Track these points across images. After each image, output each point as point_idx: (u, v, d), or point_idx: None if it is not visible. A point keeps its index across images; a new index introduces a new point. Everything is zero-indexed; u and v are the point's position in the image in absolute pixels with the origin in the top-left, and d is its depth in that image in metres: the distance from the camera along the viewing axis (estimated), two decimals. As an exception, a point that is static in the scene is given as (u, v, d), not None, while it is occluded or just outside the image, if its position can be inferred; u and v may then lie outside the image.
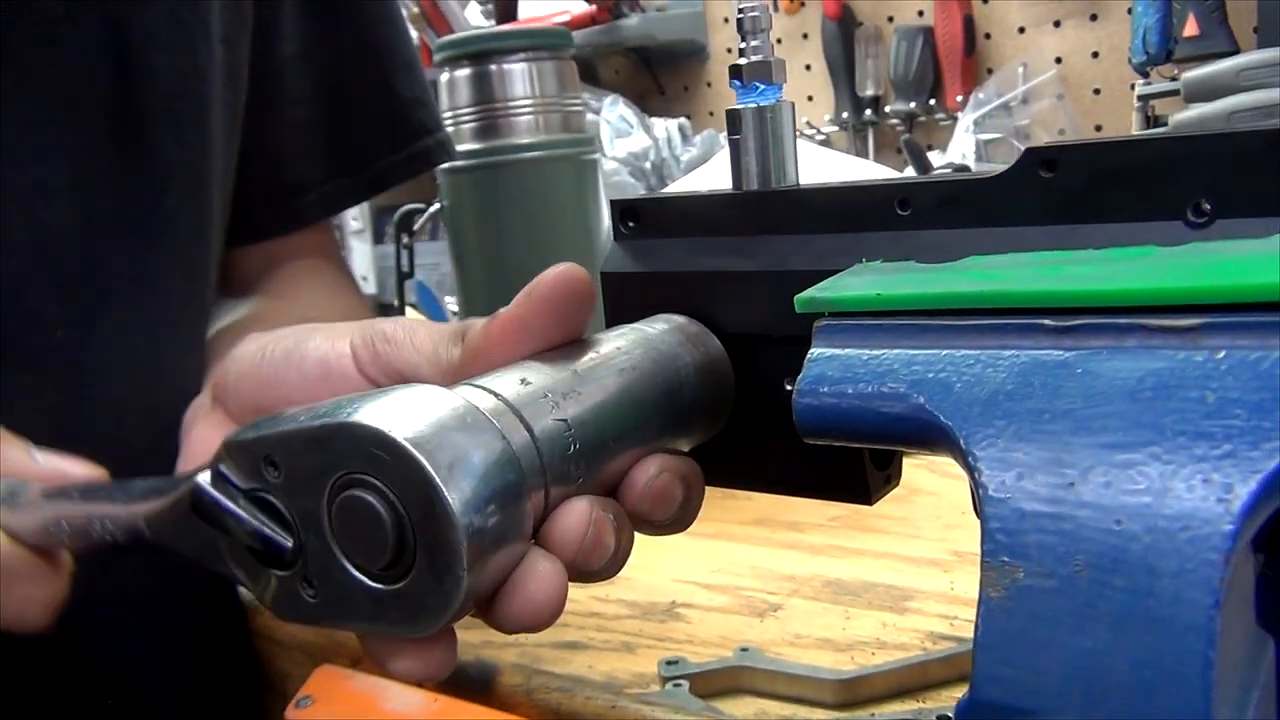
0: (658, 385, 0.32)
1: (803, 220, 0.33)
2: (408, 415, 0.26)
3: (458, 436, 0.26)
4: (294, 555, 0.28)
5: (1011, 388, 0.24)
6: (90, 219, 0.51)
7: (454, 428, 0.26)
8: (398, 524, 0.26)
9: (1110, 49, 1.55)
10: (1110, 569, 0.21)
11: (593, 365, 0.31)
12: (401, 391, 0.28)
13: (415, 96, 0.71)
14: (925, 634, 0.54)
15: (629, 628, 0.57)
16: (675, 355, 0.33)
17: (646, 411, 0.32)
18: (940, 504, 0.71)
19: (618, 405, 0.31)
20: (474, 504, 0.26)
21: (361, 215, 1.90)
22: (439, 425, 0.26)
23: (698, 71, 2.05)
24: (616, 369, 0.32)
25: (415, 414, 0.26)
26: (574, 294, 0.32)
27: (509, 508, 0.27)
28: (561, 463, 0.29)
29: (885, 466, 0.35)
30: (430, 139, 0.72)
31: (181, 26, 0.54)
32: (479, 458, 0.26)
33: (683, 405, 0.33)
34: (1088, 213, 0.28)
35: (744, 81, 0.34)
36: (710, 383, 0.34)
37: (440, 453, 0.25)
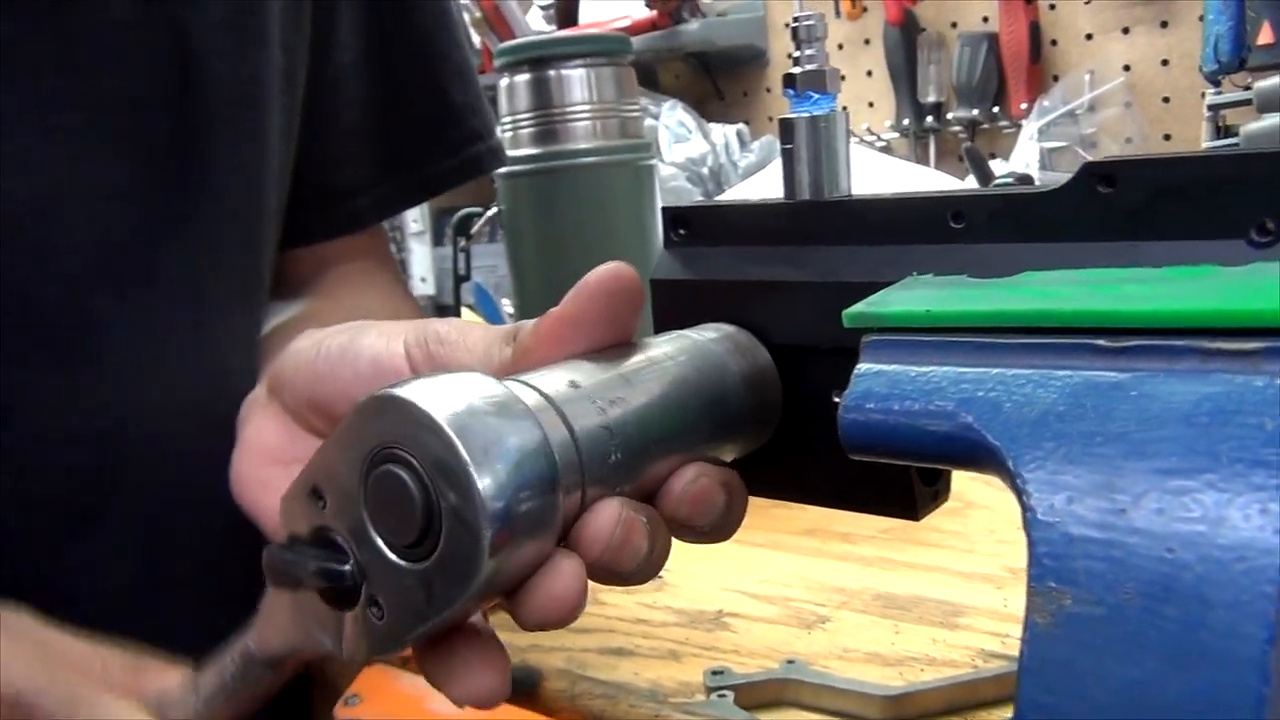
0: (704, 394, 0.32)
1: (854, 231, 0.33)
2: (446, 395, 0.27)
3: (494, 421, 0.26)
4: (354, 578, 0.29)
5: (1063, 409, 0.23)
6: (150, 222, 0.52)
7: (491, 413, 0.27)
8: (426, 500, 0.26)
9: (1181, 56, 1.52)
10: (1161, 598, 0.21)
11: (640, 370, 0.31)
12: (445, 375, 0.28)
13: (468, 103, 0.71)
14: (976, 651, 0.53)
15: (675, 635, 0.57)
16: (723, 364, 0.33)
17: (691, 420, 0.32)
18: (995, 519, 0.70)
19: (662, 412, 0.31)
20: (503, 489, 0.26)
21: (421, 217, 1.92)
22: (476, 409, 0.27)
23: (757, 77, 2.04)
24: (663, 376, 0.32)
25: (454, 395, 0.27)
26: (622, 291, 0.32)
27: (539, 499, 0.27)
28: (600, 465, 0.29)
29: (933, 483, 0.34)
30: (482, 145, 0.72)
31: (241, 33, 0.55)
32: (513, 445, 0.26)
33: (728, 415, 0.33)
34: (1146, 230, 0.28)
35: (798, 91, 0.33)
36: (757, 393, 0.34)
37: (474, 434, 0.26)
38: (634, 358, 0.32)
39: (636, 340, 0.33)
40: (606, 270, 0.32)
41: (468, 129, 0.72)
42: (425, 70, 0.69)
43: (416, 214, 2.62)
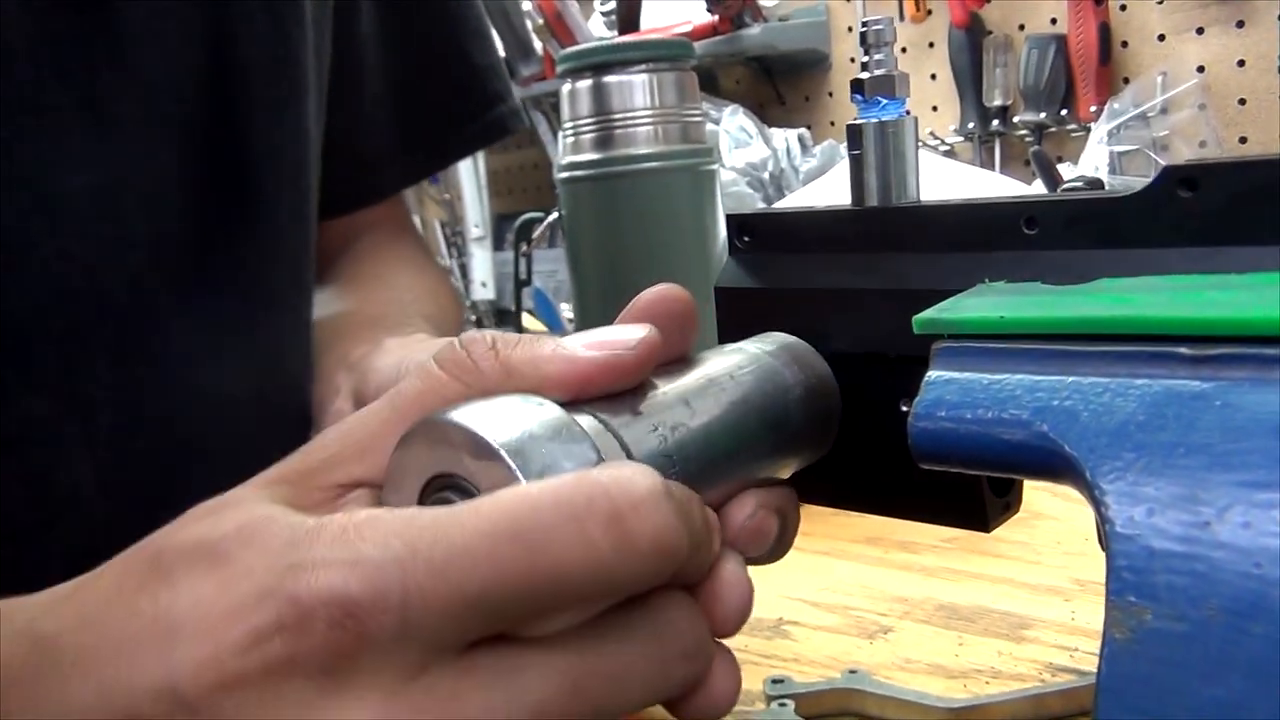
0: (764, 412, 0.32)
1: (924, 238, 0.32)
2: (503, 420, 0.26)
3: (551, 447, 0.26)
4: None
5: (1143, 419, 0.23)
6: (199, 211, 0.52)
7: (548, 438, 0.26)
8: None
9: (1258, 57, 1.48)
10: (1247, 615, 0.20)
11: (699, 391, 0.31)
12: (500, 399, 0.27)
13: (490, 64, 0.71)
14: (1044, 665, 0.52)
15: (735, 643, 0.56)
16: (784, 382, 0.33)
17: (751, 441, 0.31)
18: (1063, 529, 0.69)
19: (722, 434, 0.30)
20: None
21: (482, 222, 1.94)
22: (533, 434, 0.26)
23: (819, 81, 2.03)
24: (723, 396, 0.31)
25: (510, 420, 0.26)
26: (673, 314, 0.31)
27: None
28: None
29: (1004, 493, 0.34)
30: (505, 107, 0.72)
31: (276, 15, 0.55)
32: (570, 468, 0.26)
33: (788, 432, 0.33)
34: (1229, 235, 0.27)
35: (866, 96, 0.33)
36: (817, 407, 0.33)
37: (531, 461, 0.25)
38: (692, 377, 0.31)
39: (694, 355, 0.33)
40: (657, 291, 0.32)
41: (490, 91, 0.71)
42: (445, 33, 0.69)
43: (477, 219, 2.65)
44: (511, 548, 0.23)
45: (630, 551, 0.23)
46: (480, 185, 2.66)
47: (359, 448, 0.29)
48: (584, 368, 0.29)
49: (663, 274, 0.80)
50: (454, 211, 2.86)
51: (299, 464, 0.29)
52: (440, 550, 0.23)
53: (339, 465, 0.29)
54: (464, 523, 0.23)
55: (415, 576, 0.22)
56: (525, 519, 0.23)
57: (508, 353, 0.29)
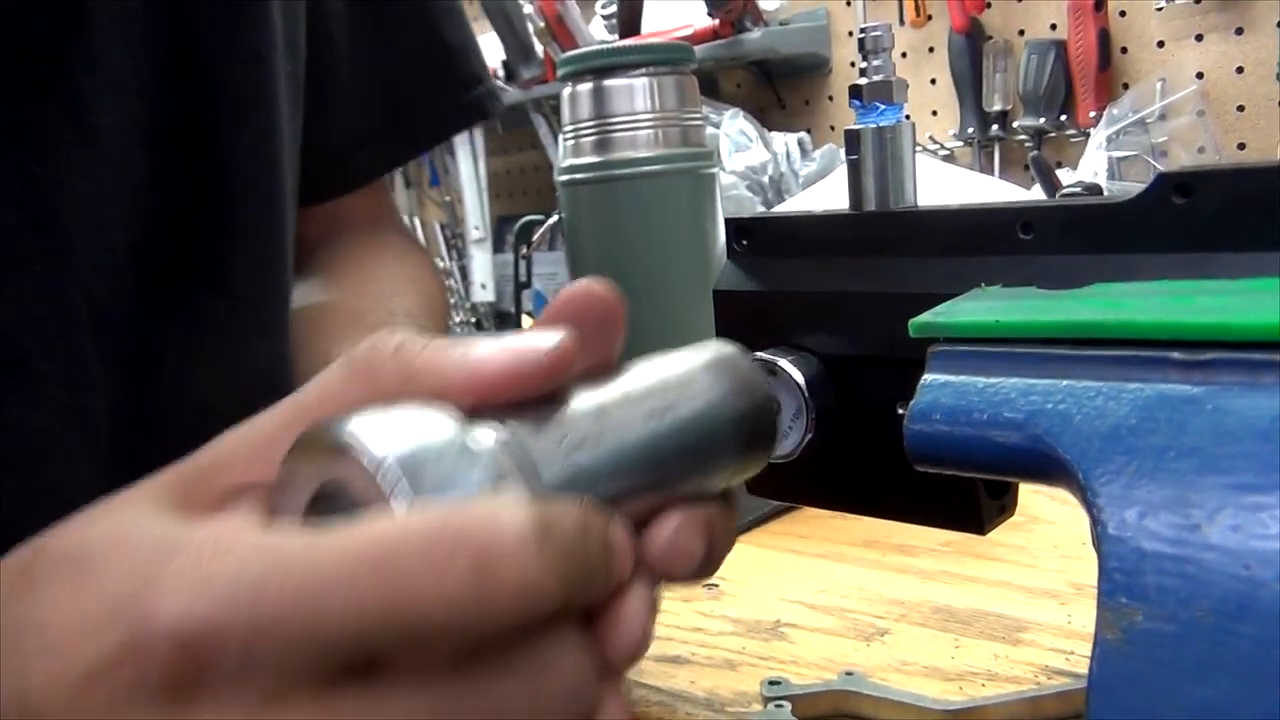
0: (691, 430, 0.30)
1: (920, 243, 0.32)
2: (393, 433, 0.24)
3: (442, 464, 0.24)
4: None
5: (1135, 422, 0.23)
6: (175, 216, 0.52)
7: (439, 454, 0.24)
8: None
9: (1257, 64, 1.48)
10: (1236, 616, 0.20)
11: (621, 404, 0.29)
12: (399, 409, 0.26)
13: (464, 44, 0.70)
14: (1039, 668, 0.52)
15: (732, 645, 0.57)
16: (714, 395, 0.31)
17: (675, 458, 0.29)
18: (1060, 533, 0.69)
19: (643, 452, 0.28)
20: None
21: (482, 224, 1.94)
22: (423, 448, 0.24)
23: (819, 85, 2.03)
24: (647, 412, 0.29)
25: (401, 433, 0.24)
26: (596, 314, 0.30)
27: None
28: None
29: (1000, 496, 0.34)
30: (481, 88, 0.70)
31: (240, 15, 0.54)
32: (460, 495, 0.24)
33: (717, 449, 0.31)
34: (1222, 242, 0.27)
35: (864, 101, 0.33)
36: (750, 423, 0.32)
37: (421, 478, 0.24)
38: (614, 387, 0.29)
39: (623, 363, 0.31)
40: (578, 289, 0.30)
41: (466, 72, 0.70)
42: (418, 15, 0.68)
43: (478, 221, 2.65)
44: (371, 582, 0.22)
45: (492, 599, 0.22)
46: (481, 187, 2.67)
47: (253, 451, 0.28)
48: (489, 375, 0.27)
49: (662, 277, 0.80)
50: (454, 213, 2.86)
51: (191, 466, 0.29)
52: (294, 580, 0.22)
53: (230, 468, 0.28)
54: (324, 553, 0.22)
55: (265, 605, 0.22)
56: (388, 555, 0.22)
57: (410, 356, 0.27)
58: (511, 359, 0.27)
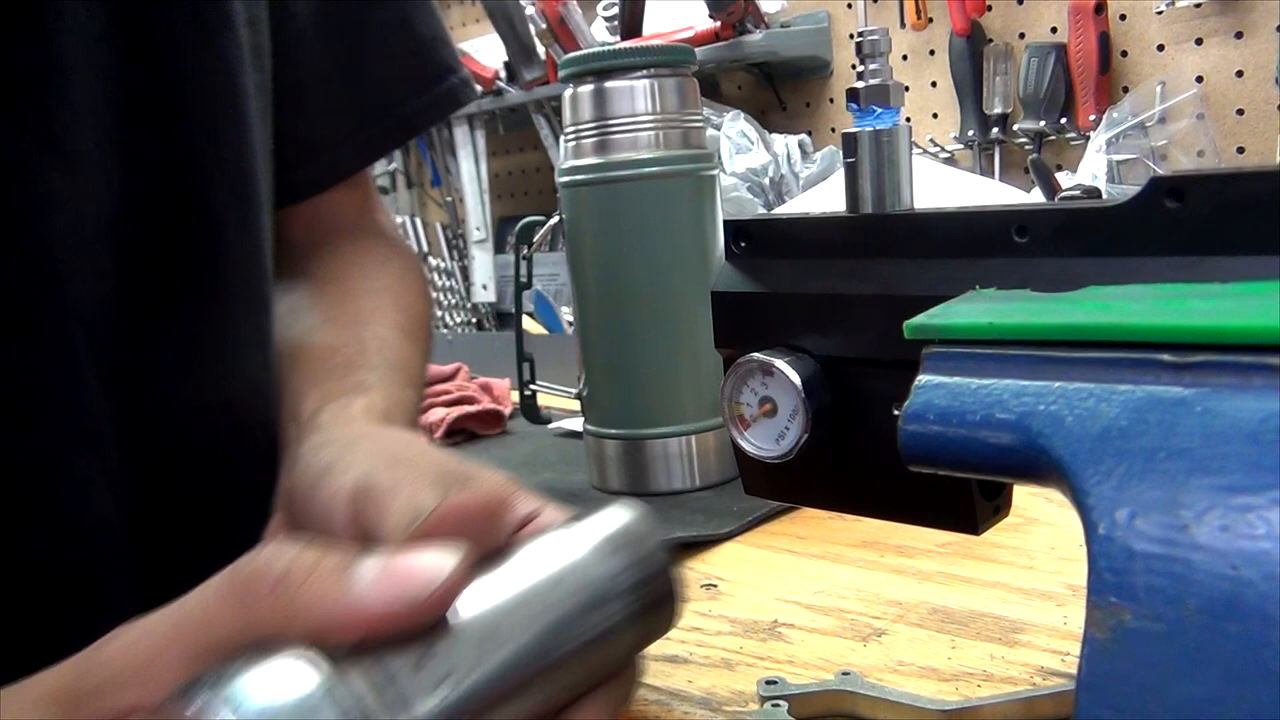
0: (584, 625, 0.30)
1: (916, 245, 0.33)
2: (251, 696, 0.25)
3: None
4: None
5: (1125, 424, 0.23)
6: (155, 233, 0.53)
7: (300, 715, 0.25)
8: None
9: (1256, 68, 1.48)
10: (1224, 615, 0.20)
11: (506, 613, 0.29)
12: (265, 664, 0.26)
13: (436, 35, 0.69)
14: (1035, 668, 0.52)
15: (729, 644, 0.57)
16: (606, 577, 0.31)
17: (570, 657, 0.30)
18: (1056, 535, 0.69)
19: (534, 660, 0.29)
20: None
21: (484, 225, 1.95)
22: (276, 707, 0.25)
23: (820, 88, 2.03)
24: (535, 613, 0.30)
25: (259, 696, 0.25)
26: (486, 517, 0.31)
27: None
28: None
29: (994, 497, 0.34)
30: (455, 78, 0.70)
31: (204, 21, 0.54)
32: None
33: (614, 634, 0.32)
34: (1214, 246, 0.28)
35: (861, 105, 0.34)
36: (648, 597, 0.32)
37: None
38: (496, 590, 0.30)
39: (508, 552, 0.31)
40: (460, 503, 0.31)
41: (439, 62, 0.69)
42: (389, 6, 0.67)
43: (479, 222, 2.66)
44: None
45: None
46: (482, 188, 2.67)
47: (135, 670, 0.28)
48: (371, 617, 0.27)
49: (662, 278, 0.80)
50: (456, 214, 2.87)
51: (75, 683, 0.29)
52: None
53: (114, 690, 0.28)
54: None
55: None
56: None
57: (293, 592, 0.28)
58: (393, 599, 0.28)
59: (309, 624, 0.27)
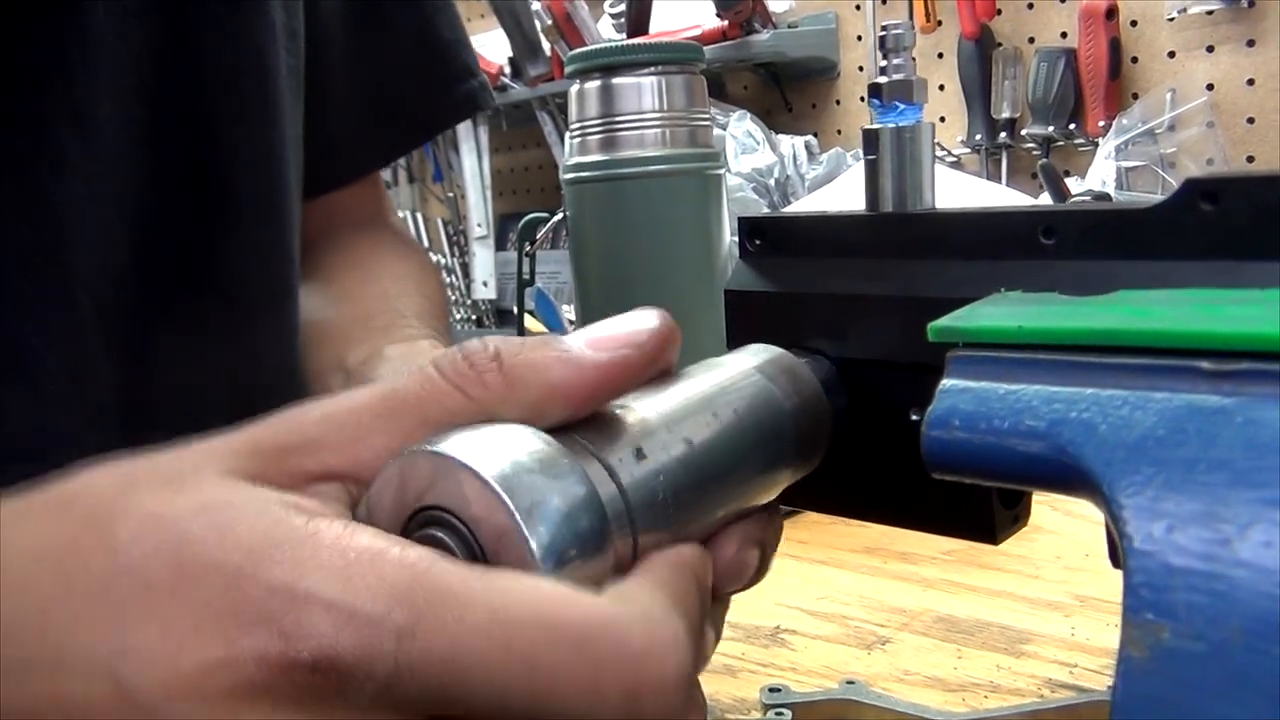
0: (757, 437, 0.31)
1: (939, 245, 0.32)
2: (490, 450, 0.25)
3: (539, 480, 0.25)
4: None
5: (1163, 433, 0.22)
6: (175, 211, 0.52)
7: (537, 470, 0.25)
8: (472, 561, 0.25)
9: (1268, 76, 1.48)
10: (1269, 636, 0.19)
11: (692, 416, 0.30)
12: (485, 428, 0.26)
13: (457, 38, 0.70)
14: (1042, 680, 0.52)
15: (732, 650, 0.57)
16: (775, 399, 0.32)
17: (743, 466, 0.30)
18: (1062, 543, 0.68)
19: (715, 461, 0.29)
20: (552, 550, 0.24)
21: (485, 222, 1.94)
22: (521, 466, 0.25)
23: (827, 89, 2.03)
24: (718, 422, 0.30)
25: (498, 450, 0.25)
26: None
27: (589, 557, 0.25)
28: (650, 514, 0.27)
29: (1013, 505, 0.33)
30: (474, 81, 0.70)
31: (239, 14, 0.54)
32: (558, 503, 0.25)
33: (779, 454, 0.32)
34: (1251, 250, 0.27)
35: (883, 101, 0.33)
36: (808, 426, 0.32)
37: (519, 495, 0.24)
38: (681, 397, 0.30)
39: (678, 372, 0.31)
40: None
41: (459, 65, 0.70)
42: (412, 9, 0.68)
43: (481, 218, 2.65)
44: (518, 668, 0.22)
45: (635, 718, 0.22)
46: (484, 184, 2.66)
47: (343, 438, 0.27)
48: (591, 374, 0.27)
49: (666, 278, 0.80)
50: (457, 210, 2.86)
51: (273, 438, 0.27)
52: (443, 641, 0.22)
53: (318, 452, 0.27)
54: (474, 616, 0.22)
55: (410, 656, 0.21)
56: (541, 645, 0.22)
57: (511, 362, 0.27)
58: (611, 353, 0.27)
59: (530, 391, 0.27)
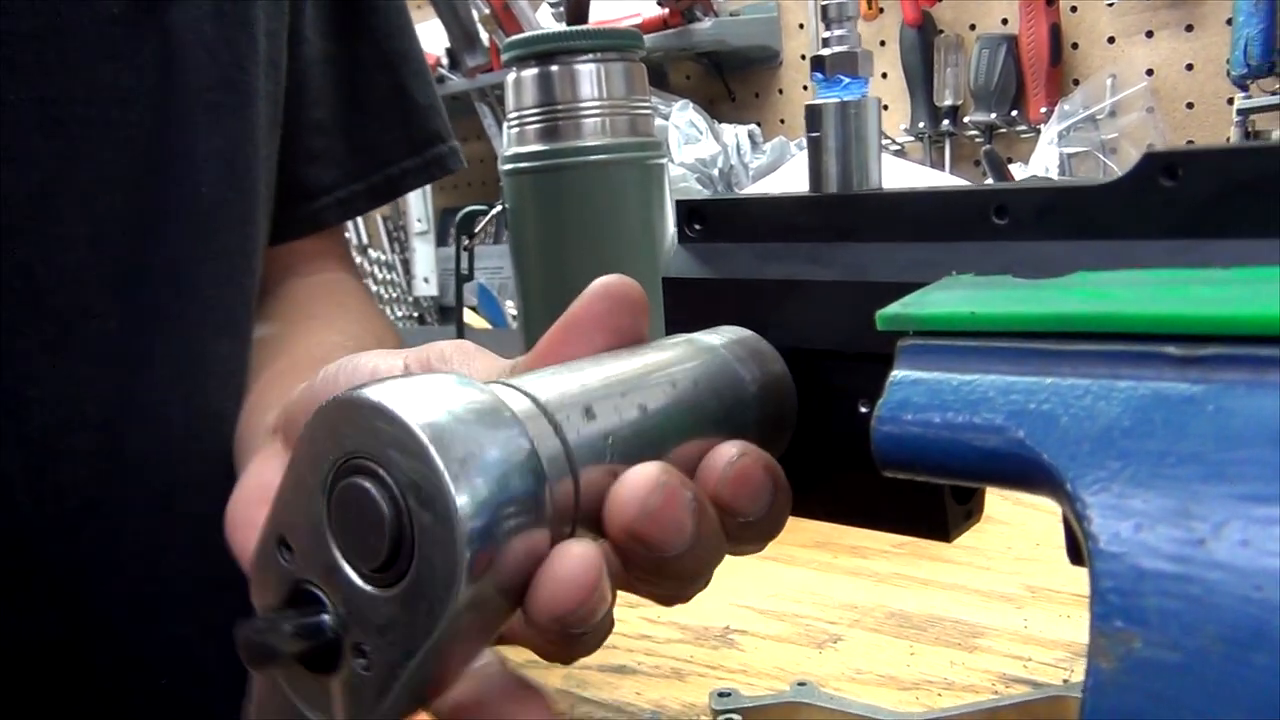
0: (711, 404, 0.29)
1: (886, 227, 0.30)
2: (421, 398, 0.24)
3: (475, 429, 0.24)
4: (335, 629, 0.25)
5: (1128, 424, 0.21)
6: (139, 211, 0.52)
7: (472, 420, 0.24)
8: (396, 516, 0.24)
9: (1206, 61, 1.49)
10: (1247, 644, 0.18)
11: (642, 374, 0.29)
12: (421, 376, 0.25)
13: (431, 104, 0.73)
14: (997, 675, 0.51)
15: (680, 653, 0.55)
16: (733, 372, 0.30)
17: (695, 434, 0.29)
18: (1013, 534, 0.68)
19: (664, 421, 0.28)
20: (484, 507, 0.23)
21: (425, 217, 1.90)
22: (456, 414, 0.24)
23: (770, 78, 2.02)
24: (668, 381, 0.29)
25: (430, 398, 0.24)
26: (625, 297, 0.30)
27: (526, 516, 0.24)
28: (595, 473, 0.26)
29: (966, 500, 0.32)
30: (445, 146, 0.74)
31: (224, 20, 0.55)
32: (495, 457, 0.23)
33: (739, 427, 0.30)
34: (1213, 227, 0.25)
35: (826, 74, 0.31)
36: (770, 403, 0.31)
37: (452, 444, 0.23)
38: (636, 362, 0.29)
39: (640, 345, 0.31)
40: (609, 278, 0.30)
41: (431, 129, 0.73)
42: (388, 70, 0.70)
43: (421, 213, 2.60)
44: None
45: None
46: (425, 179, 2.61)
47: None
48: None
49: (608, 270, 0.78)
50: (396, 206, 2.81)
51: None
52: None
53: None
54: None
55: None
56: None
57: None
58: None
59: None
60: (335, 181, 0.68)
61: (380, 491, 0.24)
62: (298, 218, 0.67)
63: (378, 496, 0.24)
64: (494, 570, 0.23)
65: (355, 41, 0.68)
